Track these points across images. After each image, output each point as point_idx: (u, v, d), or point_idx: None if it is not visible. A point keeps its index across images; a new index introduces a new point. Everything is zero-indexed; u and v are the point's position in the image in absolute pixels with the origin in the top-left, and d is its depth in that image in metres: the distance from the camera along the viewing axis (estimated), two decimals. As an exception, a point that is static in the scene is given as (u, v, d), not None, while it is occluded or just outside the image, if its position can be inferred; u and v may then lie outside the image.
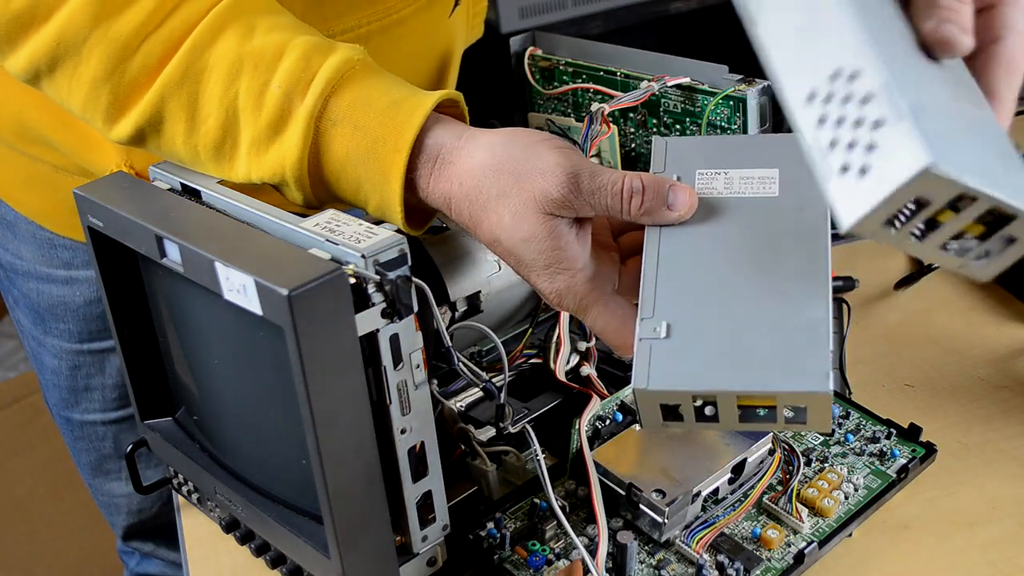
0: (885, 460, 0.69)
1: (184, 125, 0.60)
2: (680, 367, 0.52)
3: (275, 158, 0.59)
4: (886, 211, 0.44)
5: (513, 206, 0.56)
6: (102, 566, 1.76)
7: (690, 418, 0.53)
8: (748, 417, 0.53)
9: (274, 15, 0.61)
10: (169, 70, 0.59)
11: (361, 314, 0.52)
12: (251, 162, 0.60)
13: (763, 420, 0.53)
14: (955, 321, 0.87)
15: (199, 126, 0.60)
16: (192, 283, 0.56)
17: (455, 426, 0.68)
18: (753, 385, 0.51)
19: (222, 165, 0.61)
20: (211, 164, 0.61)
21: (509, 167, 0.56)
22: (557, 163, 0.55)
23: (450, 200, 0.58)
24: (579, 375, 0.72)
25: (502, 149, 0.57)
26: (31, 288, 0.91)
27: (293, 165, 0.58)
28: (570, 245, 0.56)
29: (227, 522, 0.68)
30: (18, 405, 2.17)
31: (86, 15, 0.58)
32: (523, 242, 0.56)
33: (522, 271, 0.58)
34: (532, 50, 0.83)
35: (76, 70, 0.59)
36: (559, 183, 0.55)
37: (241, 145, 0.59)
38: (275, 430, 0.60)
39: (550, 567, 0.62)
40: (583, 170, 0.55)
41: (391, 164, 0.57)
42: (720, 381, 0.52)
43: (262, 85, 0.58)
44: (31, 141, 0.81)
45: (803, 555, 0.62)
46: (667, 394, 0.52)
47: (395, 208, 0.58)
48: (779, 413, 0.52)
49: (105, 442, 0.99)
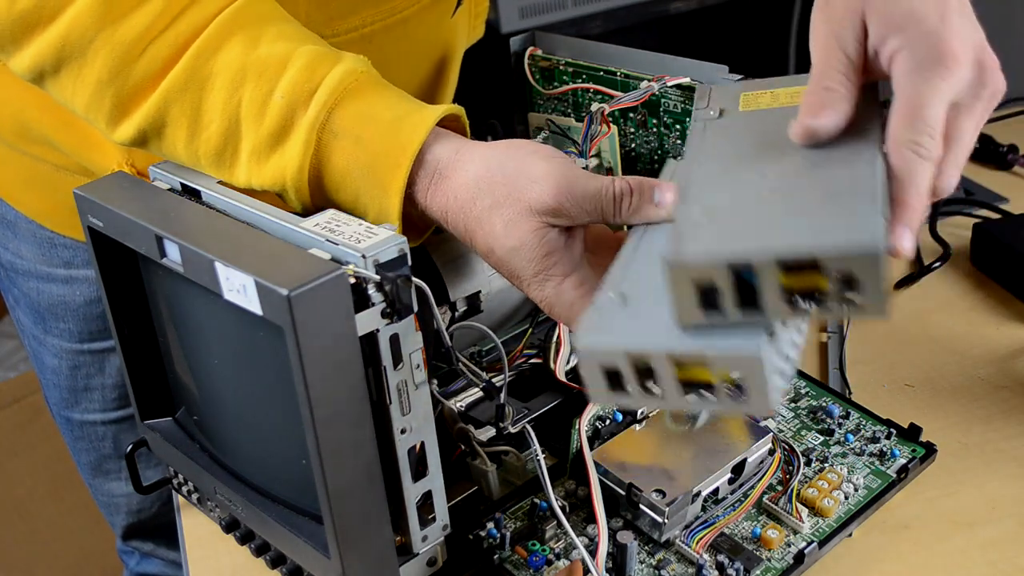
0: (885, 460, 0.69)
1: (186, 131, 0.60)
2: (622, 329, 0.50)
3: (276, 167, 0.59)
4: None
5: (506, 216, 0.57)
6: (102, 566, 1.76)
7: (635, 389, 0.50)
8: (691, 389, 0.49)
9: (280, 23, 0.61)
10: (173, 75, 0.59)
11: (361, 314, 0.52)
12: (251, 170, 0.60)
13: (705, 395, 0.49)
14: (955, 321, 0.87)
15: (201, 132, 0.60)
16: (192, 283, 0.56)
17: (455, 426, 0.68)
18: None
19: (222, 171, 0.61)
20: (211, 170, 0.62)
21: (502, 179, 0.57)
22: (549, 172, 0.56)
23: (447, 213, 0.58)
24: (579, 375, 0.72)
25: (496, 162, 0.58)
26: (31, 287, 0.91)
27: (293, 175, 0.59)
28: (559, 252, 0.57)
29: (227, 522, 0.68)
30: (18, 405, 2.17)
31: (92, 17, 0.58)
32: (514, 251, 0.57)
33: (515, 281, 0.59)
34: (532, 50, 0.83)
35: (81, 71, 0.59)
36: (552, 190, 0.56)
37: (242, 153, 0.60)
38: (275, 430, 0.60)
39: (550, 567, 0.62)
40: (575, 177, 0.56)
41: (391, 179, 0.58)
42: (656, 342, 0.49)
43: (265, 94, 0.58)
44: (32, 141, 0.81)
45: (803, 555, 0.62)
46: (604, 354, 0.50)
47: (393, 221, 0.58)
48: (719, 389, 0.48)
49: (105, 442, 0.99)
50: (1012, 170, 1.10)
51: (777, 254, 0.46)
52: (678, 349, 0.48)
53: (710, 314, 0.48)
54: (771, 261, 0.46)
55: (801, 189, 0.51)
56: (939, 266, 0.94)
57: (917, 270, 0.93)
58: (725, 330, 0.48)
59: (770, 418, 0.73)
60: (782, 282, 0.47)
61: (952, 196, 1.03)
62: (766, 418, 0.71)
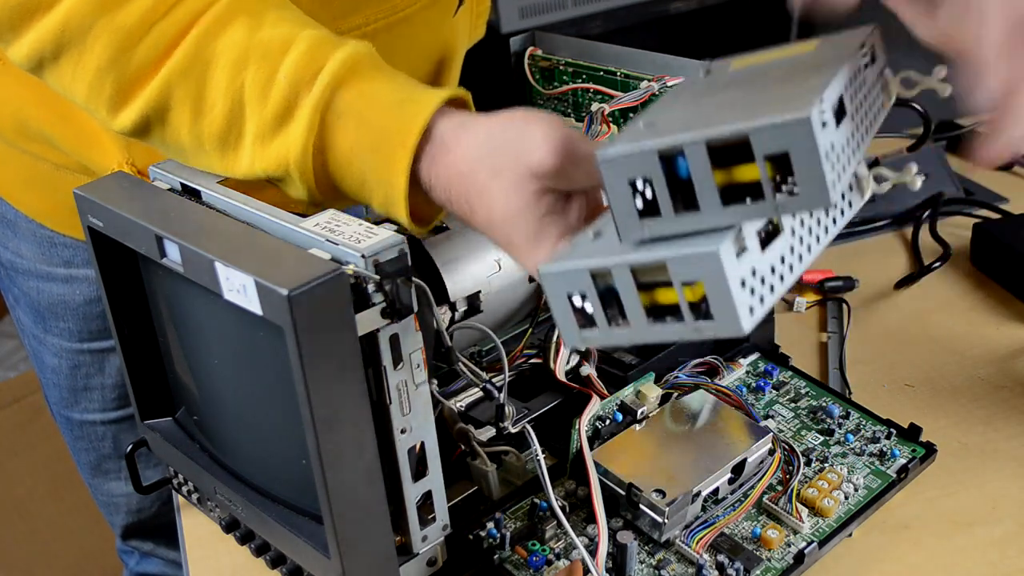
0: (885, 460, 0.69)
1: (189, 115, 0.60)
2: (586, 253, 0.49)
3: (280, 149, 0.59)
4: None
5: (506, 182, 0.56)
6: (102, 566, 1.76)
7: (601, 319, 0.49)
8: (658, 317, 0.47)
9: (281, 8, 0.61)
10: (175, 59, 0.59)
11: (361, 314, 0.52)
12: (255, 153, 0.59)
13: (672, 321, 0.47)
14: (955, 321, 0.87)
15: (204, 115, 0.59)
16: (192, 283, 0.56)
17: (455, 426, 0.68)
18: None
19: (227, 156, 0.61)
20: (215, 155, 0.61)
21: (502, 144, 0.56)
22: (548, 134, 0.55)
23: (450, 190, 0.57)
24: (579, 375, 0.72)
25: (497, 129, 0.57)
26: (31, 287, 0.91)
27: (297, 157, 0.58)
28: (556, 215, 0.56)
29: (227, 522, 0.68)
30: (18, 405, 2.17)
31: (92, 3, 0.58)
32: (513, 218, 0.56)
33: (512, 250, 0.57)
34: (532, 50, 0.83)
35: (80, 58, 0.59)
36: (552, 151, 0.55)
37: (246, 136, 0.59)
38: (275, 430, 0.60)
39: (550, 567, 0.62)
40: (575, 139, 0.55)
41: (397, 158, 0.57)
42: (617, 257, 0.47)
43: (268, 76, 0.58)
44: (32, 139, 0.81)
45: (803, 555, 0.62)
46: (566, 275, 0.49)
47: (399, 202, 0.58)
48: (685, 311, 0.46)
49: (105, 442, 0.99)
50: (1012, 170, 1.10)
51: (706, 136, 0.44)
52: (637, 259, 0.46)
53: (652, 222, 0.47)
54: (699, 144, 0.44)
55: (748, 98, 0.49)
56: (939, 266, 0.94)
57: (917, 270, 0.93)
58: (688, 239, 0.46)
59: (770, 418, 0.73)
60: (716, 178, 0.45)
61: (952, 196, 1.03)
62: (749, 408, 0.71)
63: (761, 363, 0.78)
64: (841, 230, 0.52)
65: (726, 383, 0.75)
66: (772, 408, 0.74)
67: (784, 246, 0.48)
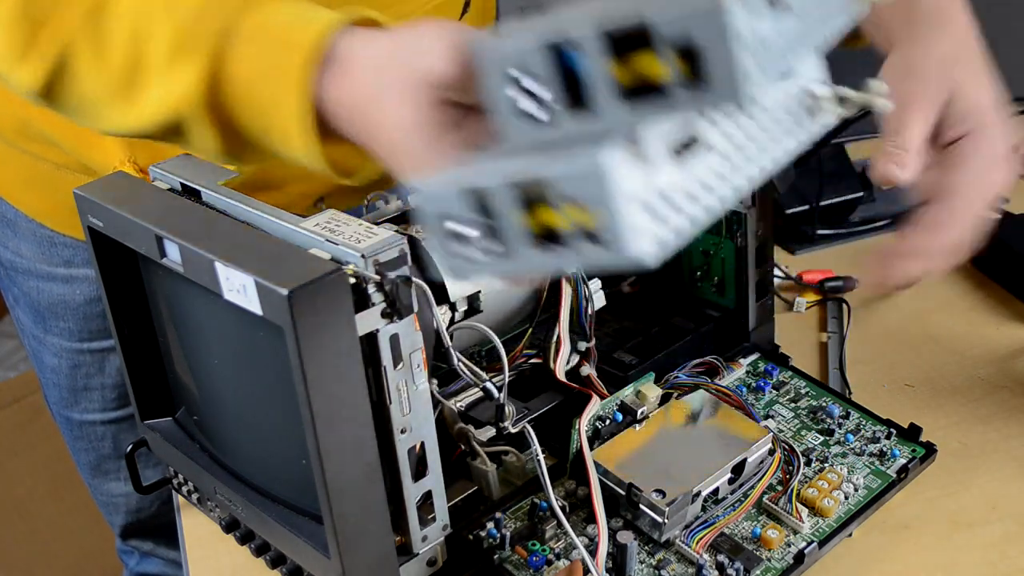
0: (885, 460, 0.69)
1: (92, 59, 0.56)
2: (465, 171, 0.43)
3: (175, 87, 0.54)
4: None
5: (396, 92, 0.50)
6: (102, 566, 1.76)
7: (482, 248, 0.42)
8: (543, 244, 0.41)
9: None
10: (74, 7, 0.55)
11: (361, 314, 0.52)
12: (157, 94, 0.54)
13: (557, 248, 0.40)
14: (955, 321, 0.87)
15: (106, 60, 0.56)
16: (192, 283, 0.56)
17: (455, 426, 0.68)
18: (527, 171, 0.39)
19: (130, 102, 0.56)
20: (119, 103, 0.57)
21: (397, 56, 0.50)
22: (443, 38, 0.49)
23: (352, 120, 0.52)
24: (579, 375, 0.72)
25: (393, 42, 0.51)
26: (31, 286, 0.91)
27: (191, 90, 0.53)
28: (454, 128, 0.50)
29: (227, 522, 0.68)
30: (18, 405, 2.17)
31: None
32: (407, 134, 0.50)
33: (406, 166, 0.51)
34: (532, 50, 0.83)
35: None
36: (446, 57, 0.49)
37: (150, 74, 0.55)
38: (275, 430, 0.60)
39: (550, 567, 0.62)
40: (472, 39, 0.46)
41: (289, 78, 0.51)
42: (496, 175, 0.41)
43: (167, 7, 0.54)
44: (32, 138, 0.81)
45: (803, 555, 0.62)
46: (438, 197, 0.42)
47: (295, 131, 0.51)
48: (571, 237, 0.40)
49: (104, 442, 0.99)
50: (1012, 170, 1.10)
51: (599, 23, 0.39)
52: (513, 175, 0.40)
53: (535, 127, 0.42)
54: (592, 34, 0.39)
55: None
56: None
57: (917, 270, 0.93)
58: (574, 149, 0.39)
59: (770, 418, 0.73)
60: (615, 74, 0.39)
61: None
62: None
63: (761, 363, 0.78)
64: (792, 157, 0.46)
65: (726, 383, 0.75)
66: (772, 408, 0.74)
67: (707, 166, 0.42)
